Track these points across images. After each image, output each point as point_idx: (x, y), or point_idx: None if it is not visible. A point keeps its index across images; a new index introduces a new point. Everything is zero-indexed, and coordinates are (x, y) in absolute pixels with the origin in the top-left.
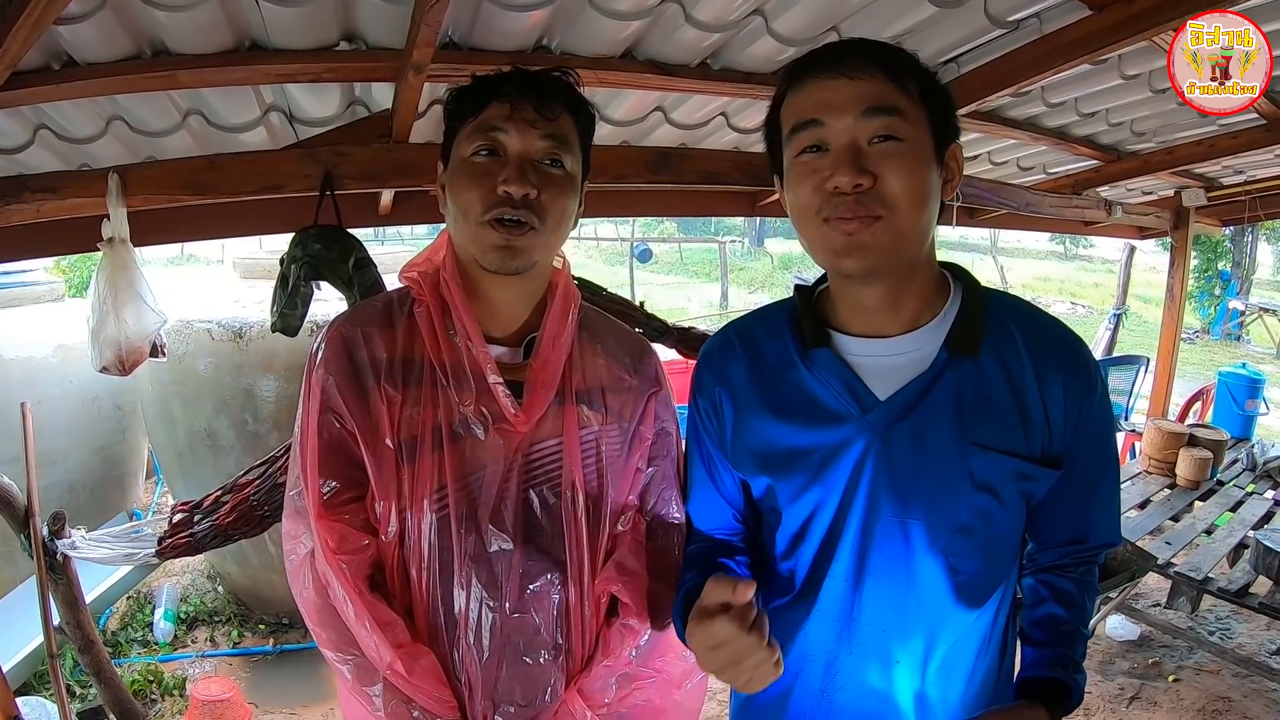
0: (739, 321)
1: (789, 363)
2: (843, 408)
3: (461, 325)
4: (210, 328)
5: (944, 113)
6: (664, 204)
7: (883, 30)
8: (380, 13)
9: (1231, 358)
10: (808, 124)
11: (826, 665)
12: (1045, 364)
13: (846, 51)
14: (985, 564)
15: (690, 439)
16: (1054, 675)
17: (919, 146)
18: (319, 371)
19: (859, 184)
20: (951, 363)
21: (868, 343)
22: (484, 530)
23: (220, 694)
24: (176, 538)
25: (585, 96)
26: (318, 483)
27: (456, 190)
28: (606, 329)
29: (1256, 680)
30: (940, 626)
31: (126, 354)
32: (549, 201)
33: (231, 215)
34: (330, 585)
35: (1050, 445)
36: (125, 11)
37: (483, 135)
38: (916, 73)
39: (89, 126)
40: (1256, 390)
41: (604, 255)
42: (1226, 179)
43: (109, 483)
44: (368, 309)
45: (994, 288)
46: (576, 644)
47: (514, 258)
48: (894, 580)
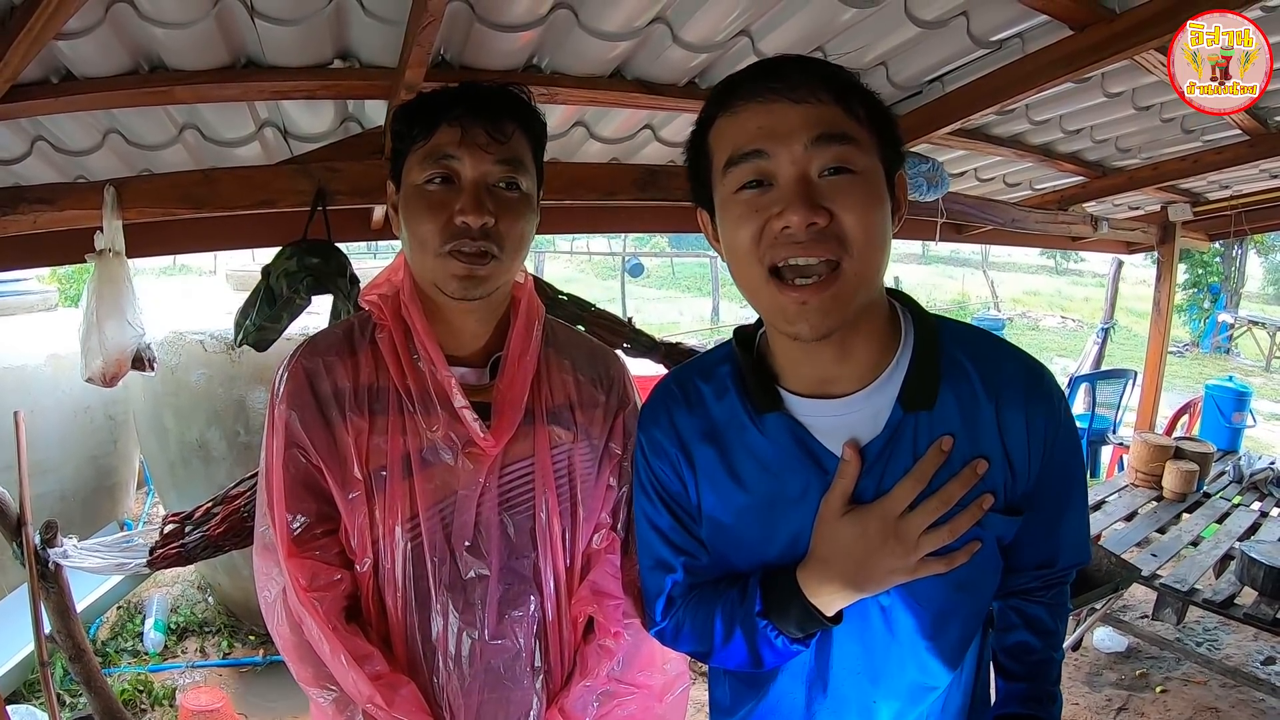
0: (679, 377)
1: (740, 425)
2: (802, 472)
3: (424, 350)
4: (203, 339)
5: (892, 139)
6: (653, 220)
7: (868, 50)
8: (374, 32)
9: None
10: (747, 155)
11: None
12: (1005, 400)
13: (788, 69)
14: (963, 620)
15: (643, 501)
16: (1029, 712)
17: (873, 177)
18: (281, 406)
19: (813, 222)
20: (907, 418)
21: (820, 404)
22: (459, 557)
23: (210, 704)
24: (168, 548)
25: (537, 108)
26: (286, 519)
27: (412, 220)
28: (572, 343)
29: (1243, 690)
30: (917, 681)
31: (108, 366)
32: (507, 228)
33: (224, 229)
34: (304, 622)
35: (1014, 492)
36: (124, 28)
37: (435, 163)
38: (863, 96)
39: (85, 139)
40: (1243, 403)
41: (596, 269)
42: (1212, 194)
43: (100, 493)
44: (328, 338)
45: (944, 315)
46: (555, 664)
47: (476, 286)
48: (867, 647)
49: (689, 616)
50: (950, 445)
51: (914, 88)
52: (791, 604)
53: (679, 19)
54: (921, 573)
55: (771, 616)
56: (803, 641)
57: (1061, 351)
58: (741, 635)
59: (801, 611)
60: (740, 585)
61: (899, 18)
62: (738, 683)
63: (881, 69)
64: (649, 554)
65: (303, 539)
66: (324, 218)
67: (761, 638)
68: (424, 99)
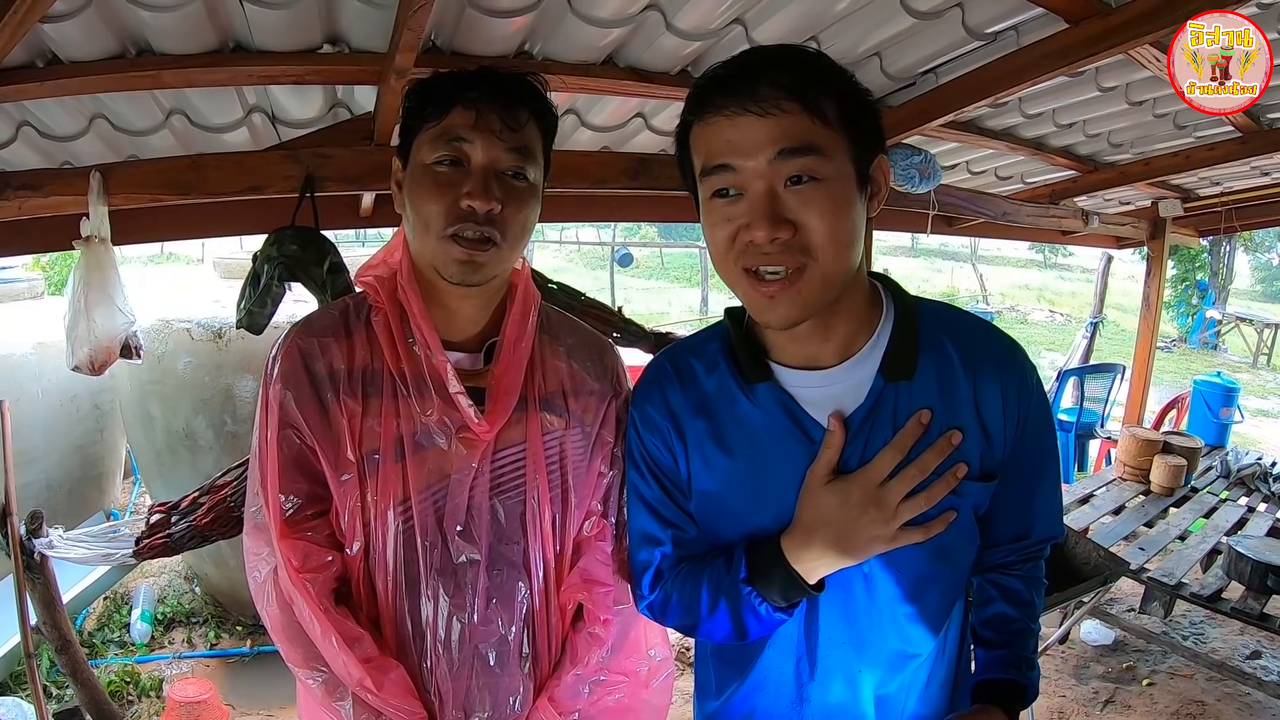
0: (672, 354)
1: (730, 395)
2: (790, 440)
3: (420, 334)
4: (190, 327)
5: (867, 127)
6: (643, 209)
7: (862, 41)
8: (363, 16)
9: (1208, 366)
10: (718, 168)
11: (792, 695)
12: (981, 372)
13: (753, 75)
14: (942, 588)
15: (633, 475)
16: (1008, 676)
17: (840, 182)
18: (276, 386)
19: (776, 237)
20: (888, 389)
21: (806, 374)
22: (450, 541)
23: (197, 695)
24: (154, 538)
25: (551, 100)
26: (279, 500)
27: (417, 199)
28: (567, 329)
29: (1230, 684)
30: (899, 650)
31: (96, 354)
32: (511, 216)
33: (211, 215)
34: (295, 603)
35: (990, 459)
36: (110, 11)
37: (446, 144)
38: (834, 89)
39: (71, 124)
40: (1231, 398)
41: (585, 259)
42: (1203, 190)
43: (86, 482)
44: (324, 318)
45: (923, 297)
46: (544, 650)
47: (475, 272)
48: (850, 617)
49: (676, 589)
50: (929, 418)
51: (908, 79)
52: (775, 571)
53: (672, 6)
54: (900, 541)
55: (756, 584)
56: (786, 611)
57: (1050, 345)
58: (726, 605)
59: (785, 578)
60: (726, 555)
61: (894, 8)
62: (723, 665)
63: (875, 59)
64: (638, 528)
65: (295, 519)
66: (312, 204)
67: (746, 605)
68: (440, 78)
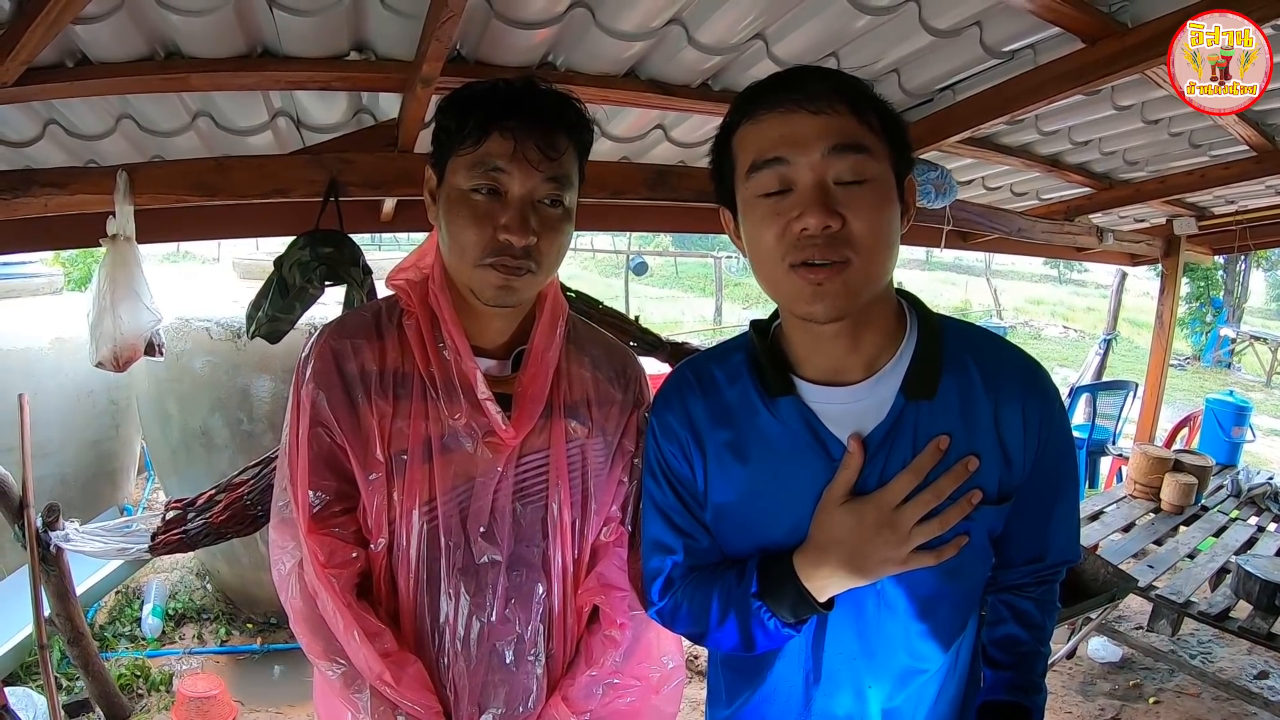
0: (695, 364)
1: (751, 407)
2: (810, 455)
3: (451, 339)
4: (209, 326)
5: (903, 146)
6: (660, 220)
7: (881, 57)
8: (391, 25)
9: (1221, 385)
10: (770, 162)
11: (800, 705)
12: (1003, 394)
13: (806, 80)
14: (953, 606)
15: (649, 482)
16: (1014, 699)
17: (885, 186)
18: (309, 385)
19: (828, 226)
20: (909, 407)
21: (829, 390)
22: (473, 542)
23: (206, 690)
24: (170, 534)
25: (588, 117)
26: (307, 496)
27: (454, 225)
28: (593, 340)
29: (1236, 704)
30: (909, 665)
31: (121, 351)
32: (547, 245)
33: (234, 216)
34: (319, 597)
35: (1008, 481)
36: (141, 14)
37: (483, 173)
38: (876, 105)
39: (98, 124)
40: (1243, 417)
41: (600, 267)
42: (1218, 208)
43: (101, 477)
44: (356, 320)
45: (947, 315)
46: (559, 651)
47: (511, 295)
48: (861, 630)
49: (686, 598)
50: (947, 445)
51: (925, 95)
52: (786, 587)
53: (695, 21)
54: (912, 564)
55: (766, 599)
56: (794, 626)
57: (1063, 361)
58: (735, 617)
59: (795, 595)
60: (739, 568)
61: (913, 26)
62: (734, 674)
63: (894, 76)
64: (651, 534)
65: (322, 516)
66: (336, 208)
67: (755, 619)
68: (476, 95)
